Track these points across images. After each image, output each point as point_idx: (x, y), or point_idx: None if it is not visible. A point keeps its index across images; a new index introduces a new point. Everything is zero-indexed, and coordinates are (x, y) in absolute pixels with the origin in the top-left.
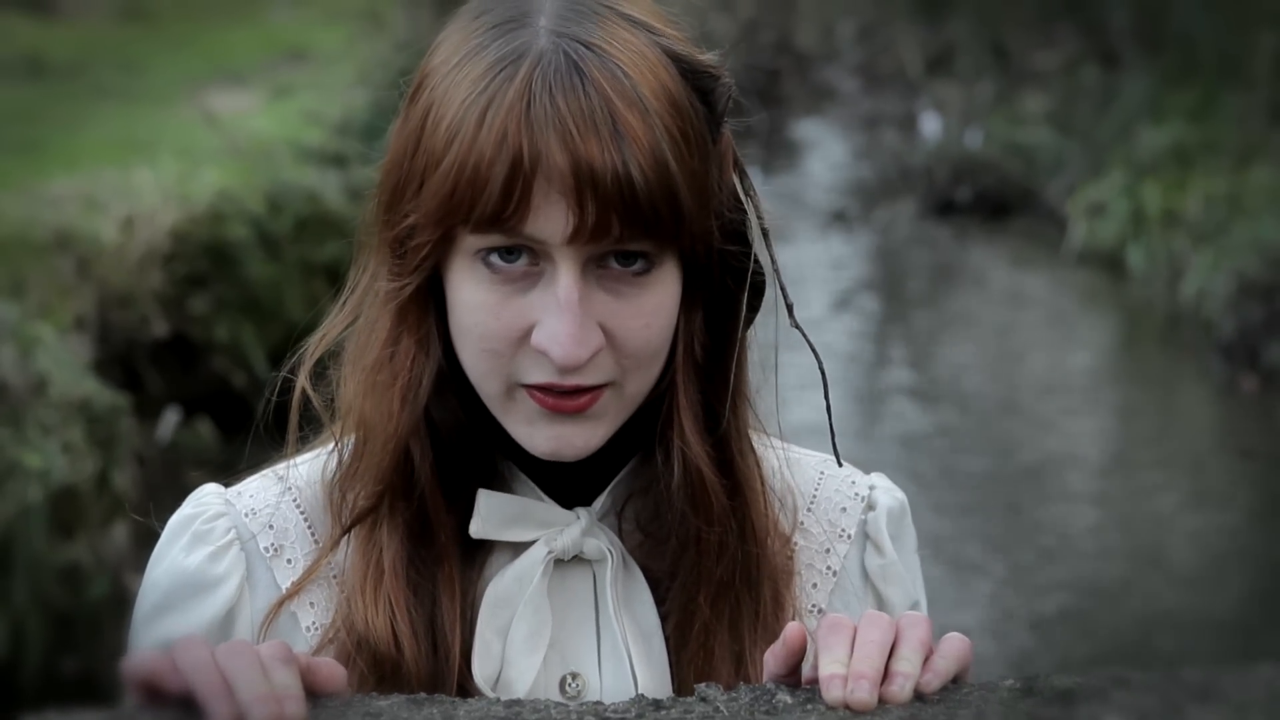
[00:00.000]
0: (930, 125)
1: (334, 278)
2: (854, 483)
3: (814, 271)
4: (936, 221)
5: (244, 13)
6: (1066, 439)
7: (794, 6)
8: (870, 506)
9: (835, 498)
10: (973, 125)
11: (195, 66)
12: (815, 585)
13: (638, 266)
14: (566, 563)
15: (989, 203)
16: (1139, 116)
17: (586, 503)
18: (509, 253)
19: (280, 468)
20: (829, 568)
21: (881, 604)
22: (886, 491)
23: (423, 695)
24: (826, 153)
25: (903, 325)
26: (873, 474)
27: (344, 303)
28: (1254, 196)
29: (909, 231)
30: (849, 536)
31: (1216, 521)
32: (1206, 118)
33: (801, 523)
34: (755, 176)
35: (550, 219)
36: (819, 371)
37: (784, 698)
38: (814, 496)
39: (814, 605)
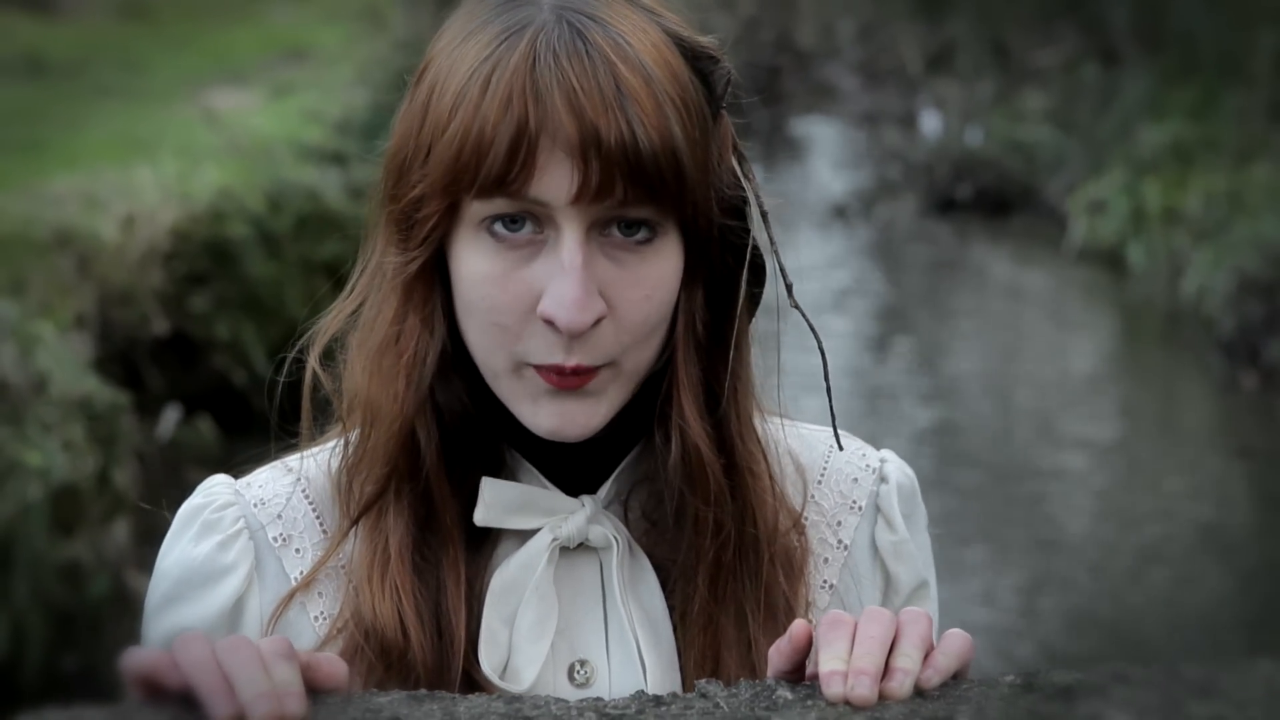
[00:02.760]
0: (931, 123)
1: (334, 275)
2: (864, 455)
3: (815, 268)
4: (937, 219)
5: (244, 12)
6: (1066, 436)
7: (794, 4)
8: (883, 479)
9: (846, 469)
10: (973, 123)
11: (196, 65)
12: (826, 560)
13: (641, 235)
14: (573, 550)
15: (989, 200)
16: (1139, 114)
17: (592, 490)
18: (513, 221)
19: (290, 459)
20: (840, 541)
21: (889, 581)
22: (898, 467)
23: (423, 692)
24: (827, 150)
25: (903, 322)
26: (883, 449)
27: (352, 287)
28: (1254, 194)
29: (910, 229)
30: (860, 508)
31: (1216, 518)
32: (1207, 115)
33: (813, 496)
34: (756, 173)
35: (555, 180)
36: (819, 352)
37: (784, 693)
38: (824, 469)
39: (825, 581)
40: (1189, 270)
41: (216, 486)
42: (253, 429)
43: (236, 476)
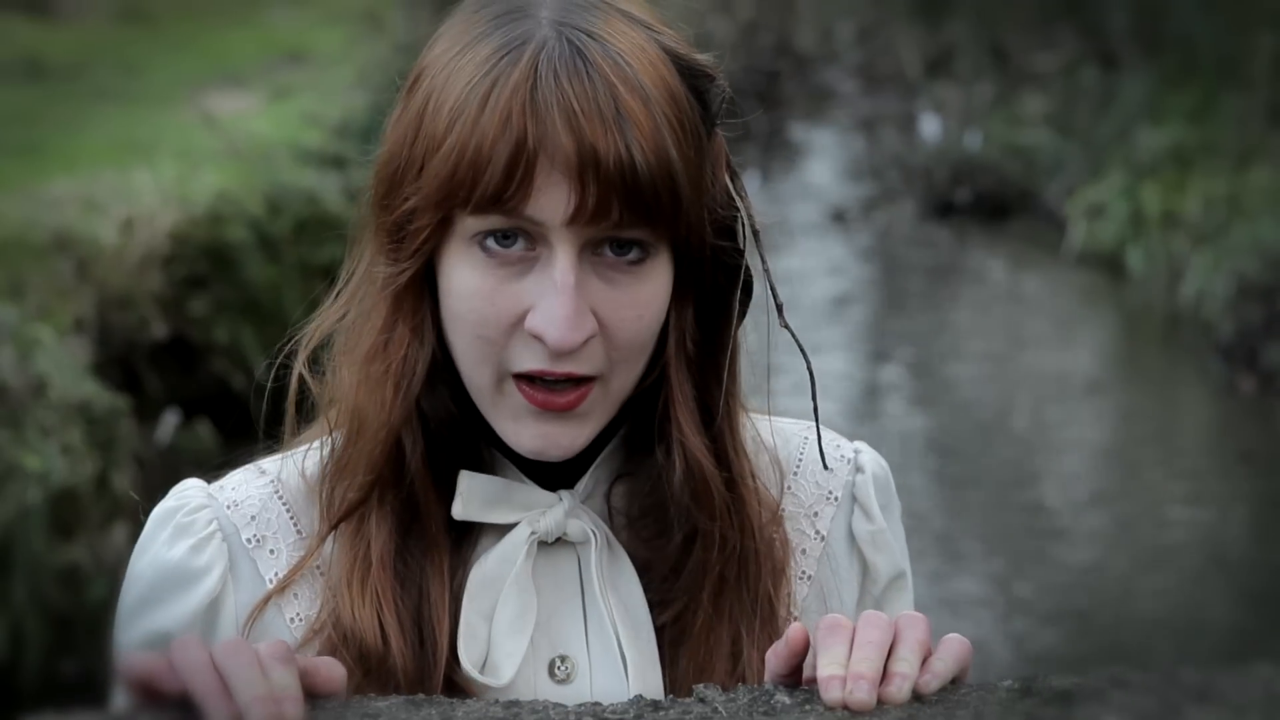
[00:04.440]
0: (929, 127)
1: (333, 279)
2: (839, 445)
3: (813, 272)
4: (936, 223)
5: (243, 14)
6: (1066, 440)
7: (793, 8)
8: (858, 469)
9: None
10: (972, 127)
11: (194, 68)
12: (804, 551)
13: (633, 255)
14: (551, 545)
15: (988, 204)
16: (1138, 118)
17: (569, 485)
18: (505, 236)
19: (265, 461)
20: (817, 532)
21: (867, 571)
22: (873, 458)
23: (421, 696)
24: (826, 154)
25: (902, 327)
26: (856, 440)
27: (338, 293)
28: (1253, 198)
29: (908, 233)
30: (835, 499)
31: (1215, 522)
32: (1205, 119)
33: (789, 488)
34: (755, 179)
35: (551, 200)
36: (808, 373)
37: (782, 698)
38: (800, 460)
39: (803, 572)
40: (1188, 274)
41: (189, 490)
42: (251, 433)
43: (210, 480)
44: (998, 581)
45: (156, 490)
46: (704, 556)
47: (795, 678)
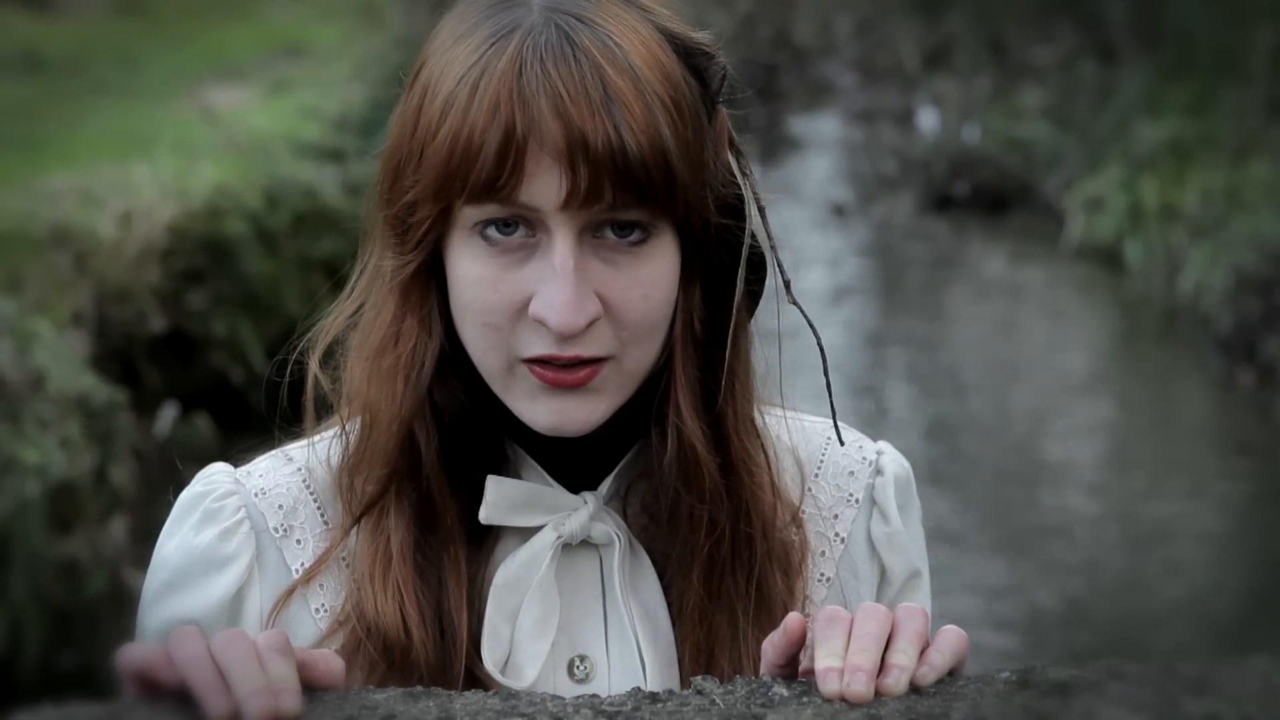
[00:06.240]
0: (928, 120)
1: (331, 272)
2: (861, 447)
3: (812, 265)
4: (934, 216)
5: (242, 8)
6: (1064, 433)
7: (792, 2)
8: (878, 471)
9: (843, 462)
10: (970, 120)
11: (193, 62)
12: (824, 553)
13: (634, 237)
14: (574, 547)
15: (987, 197)
16: (1136, 111)
17: (593, 487)
18: (505, 225)
19: (291, 448)
20: (837, 534)
21: (883, 572)
22: (894, 459)
23: (419, 688)
24: (824, 147)
25: (901, 319)
26: (880, 441)
27: (351, 289)
28: (1251, 191)
29: (907, 226)
30: (856, 501)
31: (1213, 515)
32: (1204, 112)
33: (809, 490)
34: (753, 169)
35: (544, 185)
36: (818, 348)
37: (780, 690)
38: (821, 462)
39: (822, 574)
40: (1186, 267)
41: (216, 475)
42: (250, 426)
43: (236, 465)
44: (996, 572)
45: (155, 484)
46: (692, 539)
47: (792, 669)
